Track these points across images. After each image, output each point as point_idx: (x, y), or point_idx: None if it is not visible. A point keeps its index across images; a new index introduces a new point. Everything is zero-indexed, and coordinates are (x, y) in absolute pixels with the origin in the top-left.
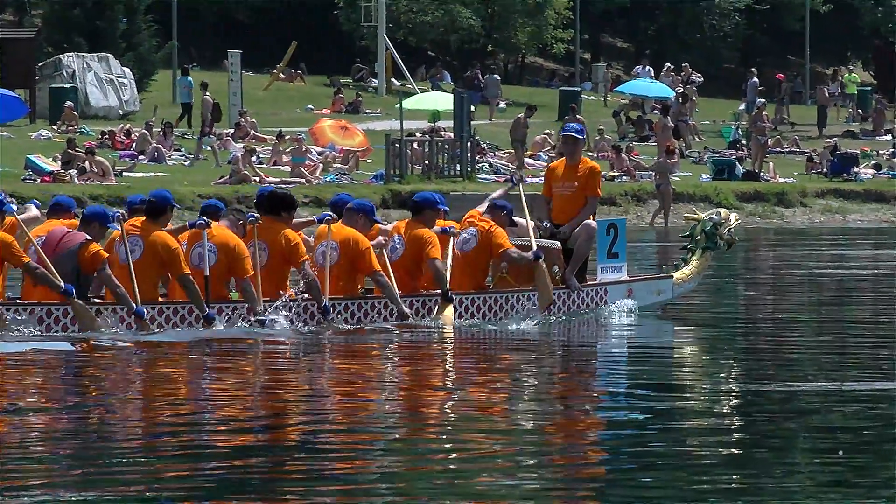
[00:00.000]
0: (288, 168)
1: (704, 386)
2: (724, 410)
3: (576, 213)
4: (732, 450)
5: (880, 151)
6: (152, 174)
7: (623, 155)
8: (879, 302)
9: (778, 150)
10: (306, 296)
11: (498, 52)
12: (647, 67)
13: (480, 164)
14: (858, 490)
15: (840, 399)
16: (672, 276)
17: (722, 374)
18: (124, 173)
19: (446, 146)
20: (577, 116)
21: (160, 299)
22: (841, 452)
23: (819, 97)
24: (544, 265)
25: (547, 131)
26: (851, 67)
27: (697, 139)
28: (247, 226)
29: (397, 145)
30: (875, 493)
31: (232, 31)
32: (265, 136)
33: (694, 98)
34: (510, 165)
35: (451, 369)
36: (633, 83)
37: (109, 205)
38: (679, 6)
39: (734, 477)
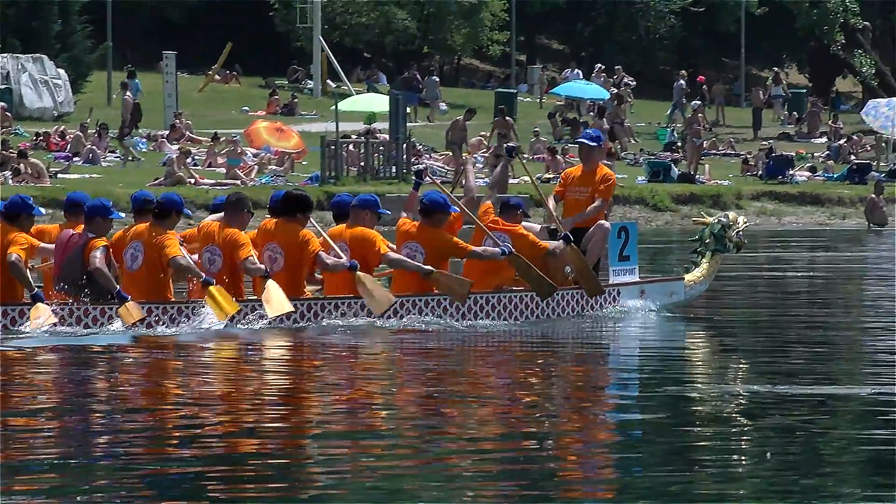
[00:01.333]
0: (223, 170)
1: (717, 388)
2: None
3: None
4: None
5: (815, 154)
6: (87, 176)
7: (559, 157)
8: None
9: (713, 152)
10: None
11: (434, 53)
12: (577, 70)
13: (416, 166)
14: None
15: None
16: (684, 279)
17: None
18: (59, 175)
19: (382, 148)
20: (507, 119)
21: (171, 298)
22: (768, 455)
23: (754, 99)
24: (576, 248)
25: (483, 133)
26: (788, 70)
27: (633, 141)
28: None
29: (333, 147)
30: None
31: (167, 32)
32: (200, 138)
33: (629, 100)
34: (446, 167)
35: (462, 368)
36: (568, 85)
37: (44, 206)
38: (614, 8)
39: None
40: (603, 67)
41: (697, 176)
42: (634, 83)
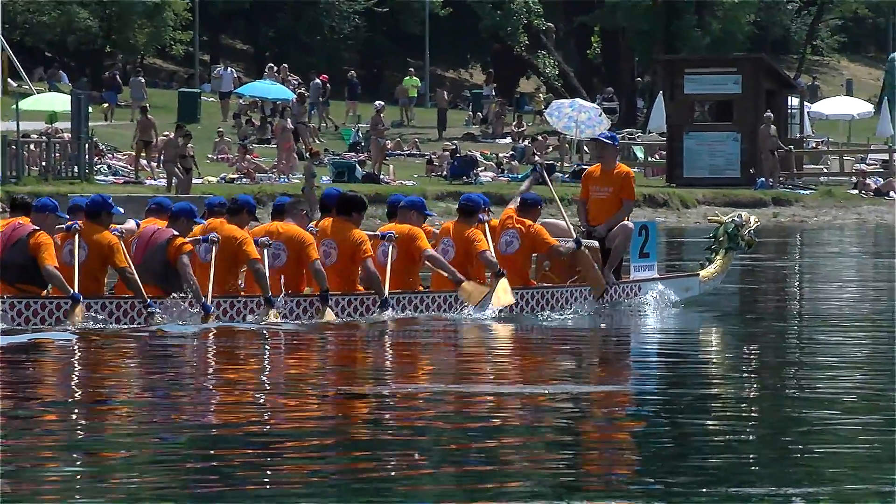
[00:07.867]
0: None
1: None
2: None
3: (611, 215)
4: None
5: (500, 154)
6: None
7: (248, 155)
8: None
9: (398, 152)
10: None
11: (117, 52)
12: (230, 69)
13: (99, 166)
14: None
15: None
16: (699, 275)
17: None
18: None
19: (63, 147)
20: (148, 117)
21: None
22: (416, 456)
23: (439, 100)
24: (586, 251)
25: (166, 133)
26: (472, 70)
27: (317, 141)
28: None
29: (14, 146)
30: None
31: None
32: None
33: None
34: (129, 167)
35: (487, 360)
36: (252, 85)
37: None
38: (298, 9)
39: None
40: (276, 68)
41: (382, 176)
42: (299, 82)
